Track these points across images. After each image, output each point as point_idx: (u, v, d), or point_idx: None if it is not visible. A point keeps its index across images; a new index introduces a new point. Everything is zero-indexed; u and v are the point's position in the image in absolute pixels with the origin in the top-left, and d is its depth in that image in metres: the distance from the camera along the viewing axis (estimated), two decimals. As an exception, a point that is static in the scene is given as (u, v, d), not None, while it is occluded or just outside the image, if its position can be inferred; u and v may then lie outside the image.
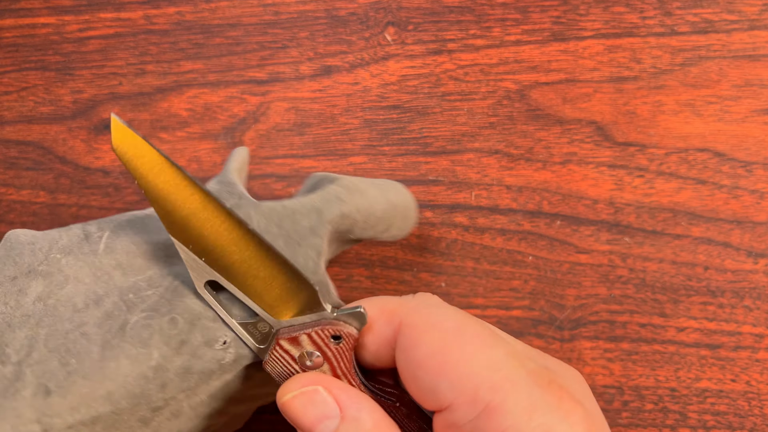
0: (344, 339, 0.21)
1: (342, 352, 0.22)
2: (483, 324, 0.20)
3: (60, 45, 0.36)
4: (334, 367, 0.22)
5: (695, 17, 0.32)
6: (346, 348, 0.21)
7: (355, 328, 0.21)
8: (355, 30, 0.34)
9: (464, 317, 0.20)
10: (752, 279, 0.31)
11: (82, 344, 0.21)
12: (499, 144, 0.33)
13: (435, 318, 0.20)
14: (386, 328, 0.21)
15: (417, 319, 0.20)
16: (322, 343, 0.21)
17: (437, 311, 0.21)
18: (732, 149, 0.32)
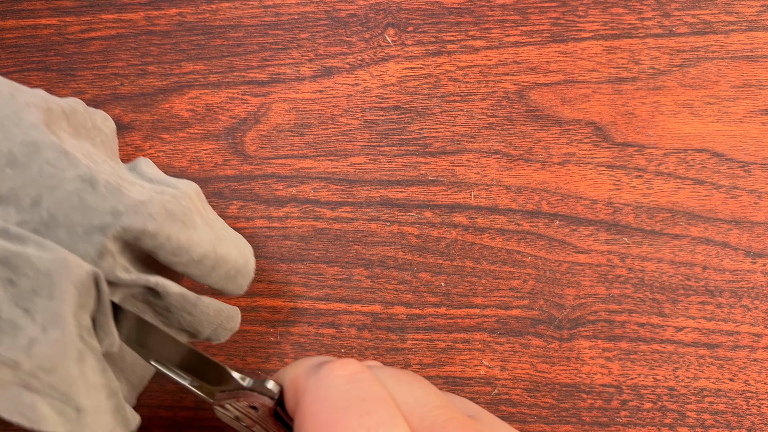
0: (260, 408, 0.23)
1: (262, 418, 0.23)
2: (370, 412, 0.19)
3: (61, 46, 0.36)
4: (264, 428, 0.24)
5: (693, 18, 0.32)
6: (264, 415, 0.23)
7: (268, 398, 0.22)
8: (356, 31, 0.34)
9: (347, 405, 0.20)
10: (750, 279, 0.31)
11: None
12: (499, 144, 0.33)
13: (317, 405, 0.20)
14: (292, 401, 0.21)
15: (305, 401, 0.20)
16: (244, 410, 0.23)
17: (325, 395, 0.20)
18: (730, 149, 0.32)
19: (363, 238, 0.33)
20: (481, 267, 0.32)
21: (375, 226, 0.33)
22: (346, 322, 0.33)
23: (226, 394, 0.23)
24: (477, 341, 0.32)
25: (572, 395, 0.31)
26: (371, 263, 0.33)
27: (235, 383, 0.23)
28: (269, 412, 0.23)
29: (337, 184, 0.34)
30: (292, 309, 0.33)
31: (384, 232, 0.33)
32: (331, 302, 0.33)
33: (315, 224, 0.33)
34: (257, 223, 0.34)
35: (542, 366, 0.32)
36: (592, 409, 0.31)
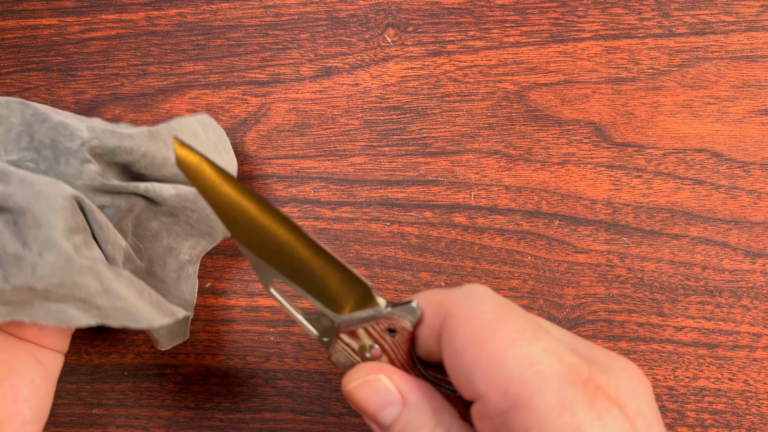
0: (399, 332, 0.22)
1: (398, 344, 0.22)
2: (527, 316, 0.20)
3: (62, 46, 0.36)
4: (392, 358, 0.23)
5: (693, 18, 0.33)
6: (401, 341, 0.22)
7: (409, 322, 0.22)
8: (356, 32, 0.34)
9: (507, 308, 0.20)
10: (750, 278, 0.31)
11: None
12: (498, 144, 0.33)
13: (476, 309, 0.20)
14: (434, 319, 0.22)
15: (459, 309, 0.20)
16: (378, 336, 0.22)
17: (480, 301, 0.21)
18: (730, 149, 0.32)
19: (363, 238, 0.33)
20: (481, 267, 0.32)
21: (375, 226, 0.33)
22: (346, 321, 0.33)
23: (358, 319, 0.22)
24: (477, 341, 0.32)
25: (572, 395, 0.31)
26: (371, 263, 0.33)
27: (378, 306, 0.22)
28: (408, 336, 0.22)
29: (337, 184, 0.34)
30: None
31: (384, 232, 0.33)
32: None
33: (315, 224, 0.34)
34: (257, 223, 0.34)
35: (542, 366, 0.32)
36: (591, 409, 0.31)
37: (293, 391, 0.33)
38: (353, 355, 0.23)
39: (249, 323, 0.34)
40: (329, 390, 0.33)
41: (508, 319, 0.20)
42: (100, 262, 0.26)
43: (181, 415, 0.34)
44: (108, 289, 0.25)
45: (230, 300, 0.34)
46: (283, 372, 0.33)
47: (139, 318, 0.26)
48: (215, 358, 0.34)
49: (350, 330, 0.23)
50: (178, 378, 0.34)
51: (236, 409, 0.33)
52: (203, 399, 0.34)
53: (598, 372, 0.19)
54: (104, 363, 0.34)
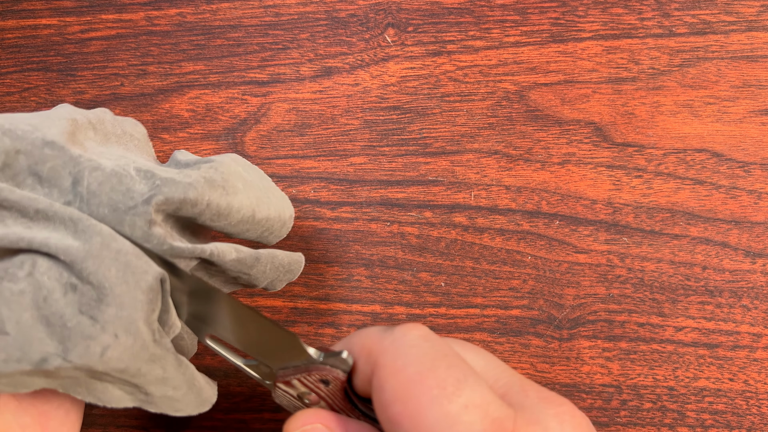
0: (332, 382, 0.22)
1: (333, 392, 0.22)
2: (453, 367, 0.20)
3: (62, 46, 0.36)
4: (329, 404, 0.23)
5: (693, 18, 0.32)
6: (335, 389, 0.22)
7: (341, 371, 0.22)
8: (355, 31, 0.34)
9: (431, 360, 0.20)
10: (750, 279, 0.31)
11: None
12: (498, 144, 0.33)
13: (400, 361, 0.20)
14: (365, 367, 0.21)
15: (386, 360, 0.20)
16: (313, 385, 0.22)
17: (405, 352, 0.20)
18: (730, 149, 0.32)
19: (363, 238, 0.33)
20: (481, 267, 0.32)
21: (375, 226, 0.33)
22: (346, 322, 0.33)
23: (293, 370, 0.22)
24: (477, 341, 0.32)
25: (572, 395, 0.31)
26: (371, 263, 0.33)
27: (308, 357, 0.22)
28: (342, 385, 0.22)
29: (337, 184, 0.34)
30: (292, 309, 0.33)
31: (384, 232, 0.33)
32: (331, 302, 0.33)
33: (315, 224, 0.33)
34: (257, 223, 0.34)
35: (542, 366, 0.32)
36: (591, 409, 0.31)
37: (293, 392, 0.33)
38: (293, 400, 0.23)
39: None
40: (329, 390, 0.33)
41: (430, 373, 0.19)
42: (171, 351, 0.24)
43: (181, 415, 0.34)
44: (167, 379, 0.23)
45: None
46: (283, 372, 0.33)
47: (180, 409, 0.25)
48: (215, 358, 0.34)
49: (286, 380, 0.23)
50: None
51: (236, 409, 0.33)
52: (203, 399, 0.34)
53: (525, 423, 0.19)
54: (104, 363, 0.34)
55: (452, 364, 0.19)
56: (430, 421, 0.18)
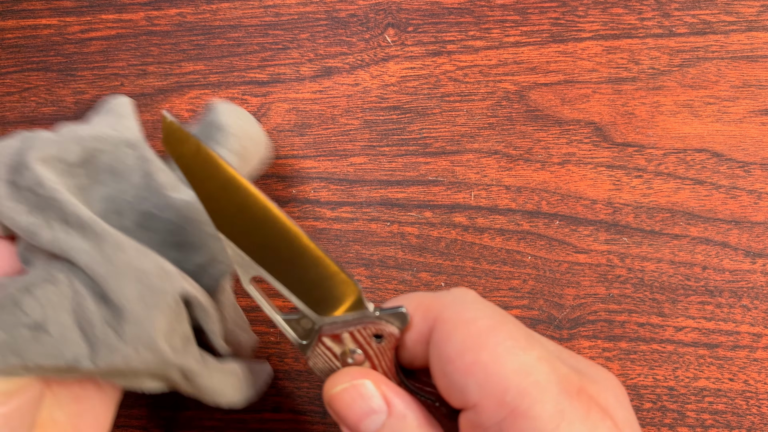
0: (386, 338, 0.21)
1: (383, 350, 0.22)
2: (518, 324, 0.20)
3: (62, 46, 0.36)
4: (374, 365, 0.22)
5: (693, 18, 0.32)
6: (387, 347, 0.22)
7: (397, 328, 0.21)
8: (356, 31, 0.34)
9: (500, 315, 0.20)
10: (750, 279, 0.31)
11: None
12: (498, 144, 0.33)
13: (469, 314, 0.20)
14: (422, 323, 0.21)
15: (451, 314, 0.20)
16: (363, 341, 0.22)
17: (472, 307, 0.20)
18: (730, 149, 0.32)
19: (363, 238, 0.33)
20: (481, 267, 0.32)
21: (375, 226, 0.33)
22: (346, 322, 0.33)
23: (343, 324, 0.21)
24: (477, 341, 0.32)
25: (572, 395, 0.31)
26: (371, 263, 0.33)
27: (365, 309, 0.21)
28: (395, 342, 0.21)
29: (337, 184, 0.34)
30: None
31: (384, 232, 0.33)
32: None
33: (315, 224, 0.33)
34: (257, 223, 0.34)
35: (542, 366, 0.32)
36: (591, 409, 0.31)
37: (293, 392, 0.33)
38: (333, 360, 0.22)
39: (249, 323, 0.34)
40: (329, 390, 0.33)
41: (503, 326, 0.19)
42: (194, 360, 0.24)
43: (181, 415, 0.34)
44: (194, 374, 0.24)
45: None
46: (283, 372, 0.33)
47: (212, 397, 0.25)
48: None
49: (334, 334, 0.22)
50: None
51: (236, 409, 0.33)
52: (203, 399, 0.34)
53: (588, 382, 0.19)
54: (104, 363, 0.34)
55: (517, 322, 0.20)
56: (507, 370, 0.18)
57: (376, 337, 0.21)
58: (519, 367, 0.18)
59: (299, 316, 0.23)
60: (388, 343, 0.21)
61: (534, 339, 0.20)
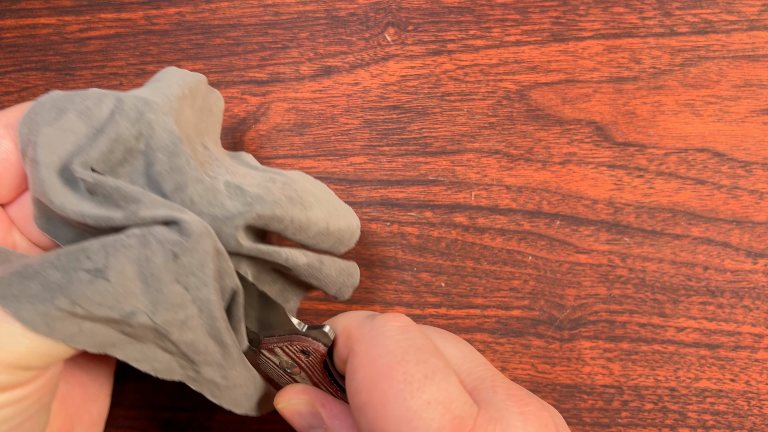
0: (312, 354, 0.23)
1: (312, 364, 0.23)
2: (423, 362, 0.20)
3: (61, 45, 0.36)
4: (309, 375, 0.24)
5: (694, 18, 0.32)
6: (315, 362, 0.23)
7: (322, 345, 0.22)
8: (355, 30, 0.34)
9: (405, 352, 0.20)
10: (752, 279, 0.31)
11: None
12: (499, 144, 0.33)
13: (374, 351, 0.20)
14: (344, 349, 0.22)
15: (361, 349, 0.20)
16: (294, 355, 0.23)
17: (381, 342, 0.20)
18: (731, 149, 0.32)
19: (363, 238, 0.33)
20: (482, 267, 0.32)
21: (375, 226, 0.33)
22: (346, 322, 0.33)
23: (277, 338, 0.23)
24: (477, 342, 0.32)
25: (573, 396, 0.31)
26: (371, 263, 0.33)
27: (291, 326, 0.23)
28: (321, 359, 0.22)
29: (336, 183, 0.33)
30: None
31: (384, 232, 0.33)
32: (331, 302, 0.33)
33: (315, 224, 0.33)
34: (257, 223, 0.34)
35: (543, 366, 0.31)
36: (593, 410, 0.31)
37: (293, 392, 0.33)
38: (276, 368, 0.24)
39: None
40: (329, 391, 0.33)
41: (399, 367, 0.19)
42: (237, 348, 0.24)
43: (181, 416, 0.33)
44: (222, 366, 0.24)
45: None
46: (282, 373, 0.33)
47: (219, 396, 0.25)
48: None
49: (269, 347, 0.24)
50: (177, 379, 0.34)
51: (235, 410, 0.33)
52: (202, 400, 0.33)
53: (486, 421, 0.19)
54: (103, 364, 0.34)
55: (423, 359, 0.20)
56: (392, 414, 0.18)
57: (303, 352, 0.23)
58: (402, 413, 0.18)
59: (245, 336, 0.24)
60: (314, 359, 0.23)
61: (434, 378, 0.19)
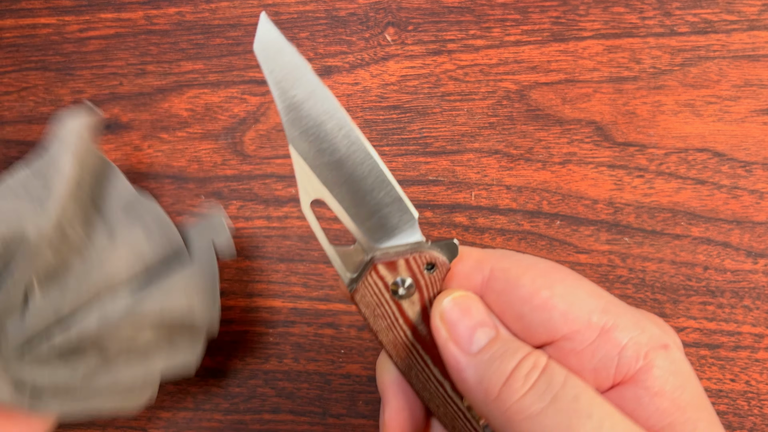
0: (438, 268, 0.21)
1: (434, 281, 0.22)
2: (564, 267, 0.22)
3: (60, 45, 0.36)
4: (423, 297, 0.22)
5: (695, 17, 0.32)
6: (438, 278, 0.22)
7: (449, 258, 0.21)
8: (355, 30, 0.34)
9: (548, 261, 0.21)
10: (752, 279, 0.31)
11: None
12: (499, 144, 0.33)
13: (527, 261, 0.21)
14: (476, 274, 0.21)
15: (510, 263, 0.21)
16: (417, 270, 0.21)
17: (523, 257, 0.21)
18: (731, 149, 0.32)
19: (363, 238, 0.33)
20: (482, 267, 0.32)
21: (375, 226, 0.33)
22: (346, 322, 0.33)
23: (399, 251, 0.21)
24: (477, 342, 0.32)
25: (573, 396, 0.31)
26: (371, 263, 0.33)
27: (419, 239, 0.22)
28: (445, 273, 0.21)
29: (336, 183, 0.33)
30: (291, 309, 0.33)
31: (384, 232, 0.33)
32: (331, 303, 0.33)
33: (315, 224, 0.33)
34: (256, 223, 0.34)
35: (543, 366, 0.31)
36: (592, 410, 0.31)
37: (293, 392, 0.33)
38: (383, 292, 0.22)
39: (248, 324, 0.33)
40: (329, 391, 0.33)
41: (557, 267, 0.21)
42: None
43: (180, 416, 0.33)
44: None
45: (229, 300, 0.34)
46: (282, 373, 0.33)
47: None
48: (214, 358, 0.33)
49: (389, 261, 0.21)
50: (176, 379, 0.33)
51: (235, 410, 0.33)
52: (202, 400, 0.33)
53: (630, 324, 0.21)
54: (102, 364, 0.34)
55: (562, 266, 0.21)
56: (582, 295, 0.20)
57: (428, 266, 0.21)
58: (591, 290, 0.20)
59: (352, 250, 0.22)
60: (439, 274, 0.22)
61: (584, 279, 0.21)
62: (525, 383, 0.18)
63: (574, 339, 0.19)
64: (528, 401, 0.18)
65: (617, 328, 0.19)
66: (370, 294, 0.22)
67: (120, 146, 0.35)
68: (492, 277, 0.21)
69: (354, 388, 0.33)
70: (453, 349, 0.20)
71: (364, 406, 0.33)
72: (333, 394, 0.33)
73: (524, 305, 0.20)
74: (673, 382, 0.19)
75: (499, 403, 0.18)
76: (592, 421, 0.17)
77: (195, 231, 0.31)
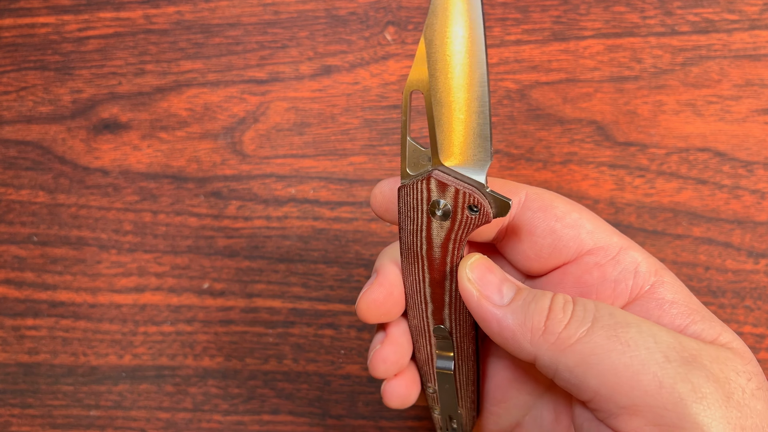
0: (479, 215, 0.22)
1: (468, 223, 0.22)
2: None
3: (59, 44, 0.36)
4: (452, 229, 0.22)
5: (696, 17, 0.32)
6: (473, 223, 0.22)
7: (495, 213, 0.22)
8: (355, 29, 0.34)
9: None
10: (753, 279, 0.31)
11: None
12: (500, 144, 0.33)
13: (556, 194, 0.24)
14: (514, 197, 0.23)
15: (543, 191, 0.23)
16: (461, 204, 0.22)
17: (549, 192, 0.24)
18: (733, 149, 0.32)
19: (363, 238, 0.33)
20: (482, 267, 0.32)
21: (375, 226, 0.33)
22: (346, 323, 0.33)
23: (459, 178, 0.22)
24: (478, 342, 0.32)
25: (574, 397, 0.31)
26: (371, 263, 0.33)
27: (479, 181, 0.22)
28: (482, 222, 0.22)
29: (336, 183, 0.33)
30: (291, 310, 0.33)
31: (384, 232, 0.33)
32: (331, 303, 0.33)
33: (314, 224, 0.33)
34: (256, 223, 0.34)
35: (543, 367, 0.31)
36: (593, 411, 0.31)
37: (292, 393, 0.33)
38: (421, 203, 0.22)
39: (247, 324, 0.33)
40: (328, 392, 0.33)
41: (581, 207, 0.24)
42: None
43: (179, 417, 0.33)
44: None
45: (228, 301, 0.33)
46: (282, 374, 0.33)
47: None
48: (213, 359, 0.33)
49: (444, 182, 0.22)
50: (176, 380, 0.33)
51: (235, 411, 0.33)
52: (201, 401, 0.33)
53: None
54: (102, 364, 0.34)
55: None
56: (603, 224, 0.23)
57: (471, 207, 0.22)
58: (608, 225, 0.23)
59: (423, 150, 0.23)
60: (477, 220, 0.22)
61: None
62: (565, 314, 0.20)
63: (597, 254, 0.22)
64: (574, 327, 0.20)
65: (633, 249, 0.22)
66: (412, 197, 0.22)
67: (119, 146, 0.35)
68: (528, 198, 0.23)
69: (354, 389, 0.33)
70: (486, 305, 0.21)
71: (364, 407, 0.33)
72: (333, 395, 0.33)
73: (557, 222, 0.23)
74: (683, 293, 0.21)
75: (547, 336, 0.20)
76: (632, 328, 0.19)
77: None
